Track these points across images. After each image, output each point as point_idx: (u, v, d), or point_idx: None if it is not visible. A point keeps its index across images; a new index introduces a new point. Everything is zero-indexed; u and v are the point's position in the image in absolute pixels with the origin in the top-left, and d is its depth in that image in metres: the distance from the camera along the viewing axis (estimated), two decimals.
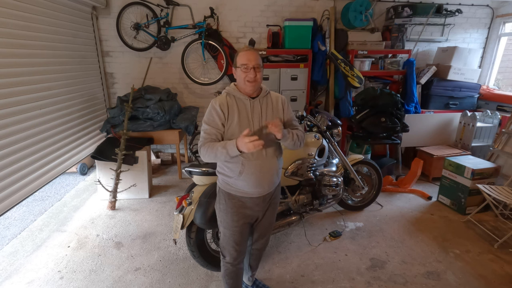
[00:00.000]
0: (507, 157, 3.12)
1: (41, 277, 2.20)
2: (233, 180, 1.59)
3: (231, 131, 1.55)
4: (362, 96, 3.60)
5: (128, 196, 3.38)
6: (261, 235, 1.83)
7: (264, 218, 1.74)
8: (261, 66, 1.54)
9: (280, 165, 1.72)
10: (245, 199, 1.62)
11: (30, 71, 2.68)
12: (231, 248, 1.70)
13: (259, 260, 2.00)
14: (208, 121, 1.55)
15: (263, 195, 1.63)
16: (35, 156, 2.70)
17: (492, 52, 4.69)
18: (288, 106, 1.70)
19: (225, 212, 1.65)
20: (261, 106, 1.59)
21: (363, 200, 3.14)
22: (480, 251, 2.48)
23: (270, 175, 1.62)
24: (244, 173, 1.55)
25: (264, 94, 1.63)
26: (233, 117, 1.54)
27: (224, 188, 1.65)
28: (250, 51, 1.52)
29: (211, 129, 1.53)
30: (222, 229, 1.71)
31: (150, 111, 3.48)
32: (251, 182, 1.57)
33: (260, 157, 1.56)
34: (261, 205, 1.67)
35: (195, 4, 3.97)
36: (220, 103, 1.54)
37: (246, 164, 1.54)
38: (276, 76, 3.96)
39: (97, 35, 3.92)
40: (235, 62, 1.57)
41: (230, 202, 1.64)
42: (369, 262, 2.36)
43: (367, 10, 3.92)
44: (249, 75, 1.50)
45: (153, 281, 2.18)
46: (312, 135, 2.53)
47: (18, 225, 2.90)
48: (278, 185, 1.75)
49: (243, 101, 1.57)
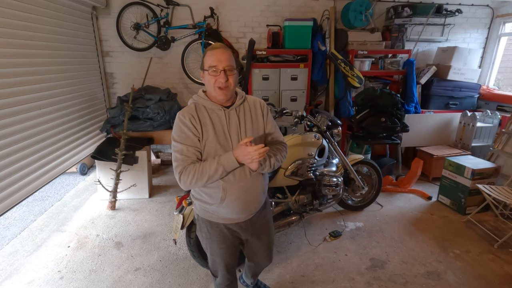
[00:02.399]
0: (507, 157, 3.12)
1: (41, 277, 2.20)
2: (214, 207, 1.36)
3: (207, 150, 1.28)
4: (362, 96, 3.60)
5: (128, 196, 3.38)
6: (262, 259, 1.66)
7: (260, 241, 1.55)
8: (234, 67, 1.27)
9: (266, 181, 1.50)
10: (230, 225, 1.41)
11: (30, 71, 2.68)
12: (222, 270, 1.54)
13: (260, 272, 1.92)
14: (180, 139, 1.27)
15: (250, 218, 1.43)
16: (35, 156, 2.70)
17: (492, 52, 4.69)
18: (268, 112, 1.44)
19: (210, 241, 1.46)
20: (238, 116, 1.33)
21: (363, 200, 3.14)
22: (480, 251, 2.48)
23: (256, 197, 1.39)
24: (226, 199, 1.32)
25: (240, 101, 1.36)
26: (207, 133, 1.28)
27: (204, 216, 1.43)
28: (220, 50, 1.25)
29: (187, 149, 1.26)
30: (210, 256, 1.54)
31: (150, 111, 3.48)
32: (236, 209, 1.34)
33: (243, 179, 1.32)
34: (250, 229, 1.46)
35: (195, 4, 3.97)
36: (190, 116, 1.28)
37: (228, 189, 1.30)
38: (276, 76, 3.96)
39: (97, 35, 3.93)
40: (202, 64, 1.29)
41: (213, 230, 1.43)
42: (369, 262, 2.36)
43: (367, 10, 3.92)
44: (219, 79, 1.23)
45: (153, 281, 2.17)
46: (312, 135, 2.53)
47: (18, 225, 2.90)
48: (265, 200, 1.54)
49: (216, 112, 1.31)
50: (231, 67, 1.25)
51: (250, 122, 1.37)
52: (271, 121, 1.45)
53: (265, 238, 1.57)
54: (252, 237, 1.51)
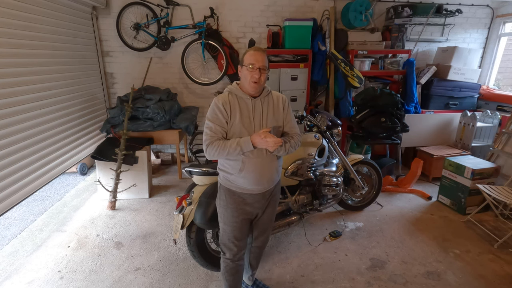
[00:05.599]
0: (507, 157, 3.12)
1: (41, 277, 2.20)
2: (234, 177, 1.62)
3: (233, 130, 1.57)
4: (362, 96, 3.60)
5: (128, 196, 3.38)
6: (261, 232, 1.85)
7: (264, 215, 1.76)
8: (267, 68, 1.55)
9: (280, 163, 1.75)
10: (245, 195, 1.65)
11: (30, 71, 2.68)
12: (231, 244, 1.72)
13: (259, 259, 2.00)
14: (212, 118, 1.56)
15: (263, 192, 1.66)
16: (35, 156, 2.70)
17: (492, 52, 4.69)
18: (289, 106, 1.72)
19: (225, 208, 1.68)
20: (262, 105, 1.61)
21: (363, 200, 3.14)
22: (480, 251, 2.48)
23: (269, 173, 1.64)
24: (244, 170, 1.58)
25: (265, 94, 1.65)
26: (235, 116, 1.56)
27: (225, 184, 1.68)
28: (259, 52, 1.53)
29: (216, 127, 1.54)
30: (222, 225, 1.73)
31: (150, 111, 3.48)
32: (251, 180, 1.60)
33: (260, 156, 1.59)
34: (261, 202, 1.70)
35: (195, 4, 3.97)
36: (223, 101, 1.56)
37: (247, 162, 1.57)
38: (276, 76, 3.96)
39: (97, 35, 3.92)
40: (241, 60, 1.58)
41: (230, 198, 1.66)
42: (369, 262, 2.36)
43: (367, 10, 3.92)
44: (254, 75, 1.51)
45: (153, 281, 2.17)
46: (312, 135, 2.53)
47: (18, 225, 2.90)
48: (278, 183, 1.78)
49: (244, 100, 1.59)
50: (264, 67, 1.53)
51: (272, 112, 1.63)
52: (290, 114, 1.71)
53: (269, 214, 1.79)
54: (261, 211, 1.74)
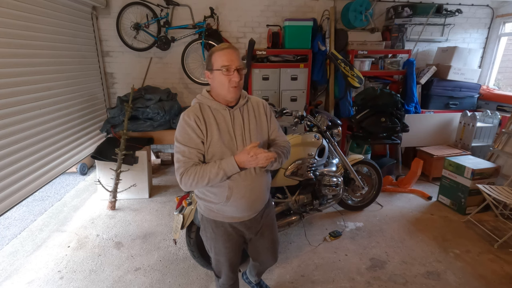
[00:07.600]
0: (507, 157, 3.12)
1: (41, 277, 2.20)
2: (219, 206, 1.36)
3: (212, 151, 1.28)
4: (362, 96, 3.60)
5: (128, 196, 3.38)
6: (266, 258, 1.65)
7: (264, 239, 1.55)
8: (244, 67, 1.28)
9: (269, 177, 1.53)
10: (236, 224, 1.42)
11: (30, 71, 2.68)
12: (226, 270, 1.53)
13: (264, 271, 1.92)
14: (183, 140, 1.26)
15: (255, 216, 1.45)
16: (35, 156, 2.70)
17: (492, 52, 4.69)
18: (271, 112, 1.47)
19: (215, 241, 1.46)
20: (242, 115, 1.33)
21: (363, 200, 3.14)
22: (480, 251, 2.48)
23: (262, 194, 1.42)
24: (232, 198, 1.33)
25: (243, 101, 1.36)
26: (212, 133, 1.27)
27: (209, 216, 1.42)
28: (230, 50, 1.24)
29: (190, 150, 1.25)
30: (214, 256, 1.52)
31: (150, 111, 3.48)
32: (242, 207, 1.36)
33: (248, 177, 1.33)
34: (254, 227, 1.48)
35: (195, 4, 3.97)
36: (195, 116, 1.25)
37: (234, 188, 1.31)
38: (276, 76, 3.96)
39: (97, 35, 3.93)
40: (210, 64, 1.27)
41: (219, 230, 1.43)
42: (369, 262, 2.36)
43: (367, 10, 3.92)
44: (233, 78, 1.23)
45: (153, 281, 2.17)
46: (312, 135, 2.53)
47: (18, 225, 2.90)
48: (269, 198, 1.56)
49: (221, 112, 1.30)
50: (242, 66, 1.26)
51: (254, 122, 1.38)
52: (274, 121, 1.47)
53: (269, 235, 1.57)
54: (257, 235, 1.53)
